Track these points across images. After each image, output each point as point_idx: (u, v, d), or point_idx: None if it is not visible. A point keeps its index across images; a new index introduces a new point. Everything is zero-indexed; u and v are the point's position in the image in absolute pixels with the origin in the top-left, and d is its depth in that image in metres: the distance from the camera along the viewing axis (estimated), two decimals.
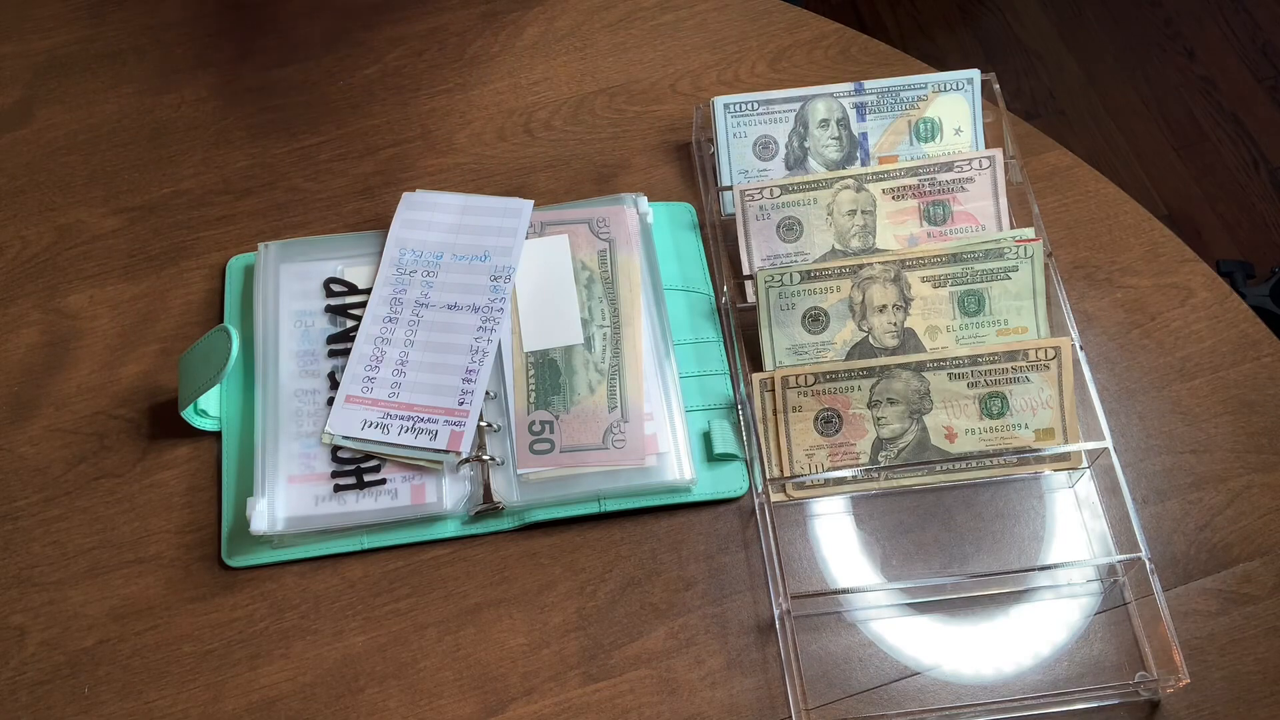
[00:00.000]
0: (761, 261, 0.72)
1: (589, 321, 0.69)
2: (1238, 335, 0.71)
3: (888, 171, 0.72)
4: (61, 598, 0.64)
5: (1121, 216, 0.76)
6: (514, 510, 0.65)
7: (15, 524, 0.67)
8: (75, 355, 0.72)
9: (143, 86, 0.82)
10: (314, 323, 0.70)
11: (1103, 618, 0.63)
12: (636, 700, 0.62)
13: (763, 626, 0.63)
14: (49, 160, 0.79)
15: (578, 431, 0.66)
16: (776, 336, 0.69)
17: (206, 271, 0.75)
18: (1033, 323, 0.68)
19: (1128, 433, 0.68)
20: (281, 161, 0.79)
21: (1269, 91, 1.64)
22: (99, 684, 0.62)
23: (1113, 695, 0.60)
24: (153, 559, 0.65)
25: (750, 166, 0.75)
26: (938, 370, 0.66)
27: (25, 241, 0.76)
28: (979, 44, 1.71)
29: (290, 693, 0.62)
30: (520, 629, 0.63)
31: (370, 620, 0.64)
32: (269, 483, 0.65)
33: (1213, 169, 1.58)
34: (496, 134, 0.80)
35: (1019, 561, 0.65)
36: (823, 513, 0.67)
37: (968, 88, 0.75)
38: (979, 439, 0.66)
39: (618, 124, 0.80)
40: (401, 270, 0.71)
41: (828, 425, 0.66)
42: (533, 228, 0.72)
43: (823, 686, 0.62)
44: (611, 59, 0.83)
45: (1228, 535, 0.65)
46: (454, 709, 0.61)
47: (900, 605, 0.64)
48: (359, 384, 0.67)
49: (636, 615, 0.64)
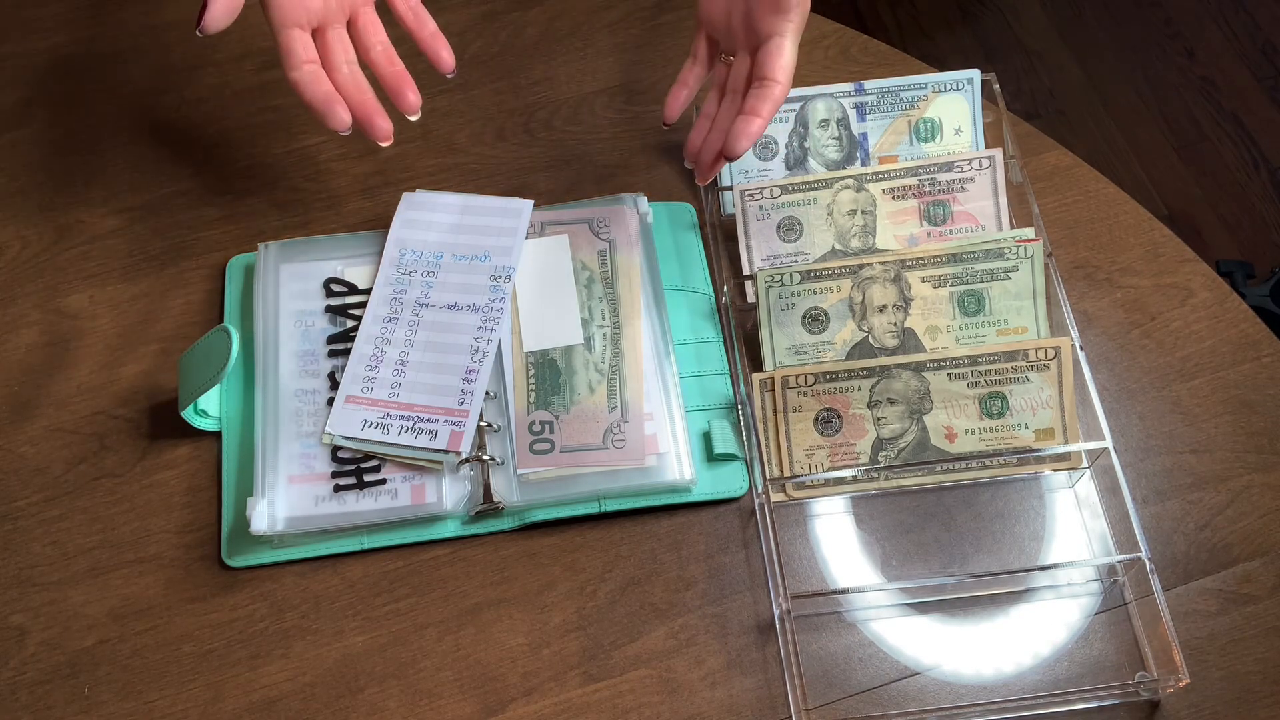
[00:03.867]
0: (761, 261, 0.72)
1: (589, 321, 0.69)
2: (1238, 335, 0.71)
3: (888, 171, 0.72)
4: (61, 598, 0.64)
5: (1121, 216, 0.76)
6: (514, 510, 0.65)
7: (15, 524, 0.67)
8: (75, 355, 0.72)
9: (143, 86, 0.82)
10: (314, 323, 0.70)
11: (1103, 618, 0.63)
12: (636, 700, 0.62)
13: (763, 626, 0.63)
14: (49, 160, 0.79)
15: (578, 431, 0.66)
16: (776, 336, 0.69)
17: (206, 271, 0.75)
18: (1033, 323, 0.68)
19: (1128, 433, 0.68)
20: (281, 161, 0.79)
21: (1269, 91, 1.64)
22: (99, 684, 0.62)
23: (1113, 695, 0.61)
24: (153, 559, 0.65)
25: (750, 166, 0.75)
26: (938, 370, 0.66)
27: (25, 241, 0.76)
28: (979, 44, 1.71)
29: (290, 693, 0.62)
30: (520, 629, 0.63)
31: (370, 620, 0.64)
32: (269, 483, 0.65)
33: (1213, 169, 1.58)
34: (496, 134, 0.80)
35: (1019, 561, 0.65)
36: (823, 513, 0.67)
37: (968, 88, 0.75)
38: (979, 439, 0.66)
39: (618, 124, 0.80)
40: (401, 270, 0.71)
41: (828, 425, 0.66)
42: (533, 228, 0.72)
43: (823, 686, 0.62)
44: (611, 59, 0.83)
45: (1228, 535, 0.65)
46: (454, 709, 0.61)
47: (900, 605, 0.64)
48: (359, 384, 0.67)
49: (636, 615, 0.64)
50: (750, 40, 0.66)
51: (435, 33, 0.67)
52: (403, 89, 0.65)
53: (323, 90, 0.61)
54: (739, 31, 0.66)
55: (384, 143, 0.64)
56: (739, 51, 0.67)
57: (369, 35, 0.65)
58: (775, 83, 0.63)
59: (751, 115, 0.63)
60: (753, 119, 0.63)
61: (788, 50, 0.64)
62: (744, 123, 0.63)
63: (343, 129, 0.62)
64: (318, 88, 0.61)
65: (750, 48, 0.66)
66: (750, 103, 0.64)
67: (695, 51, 0.70)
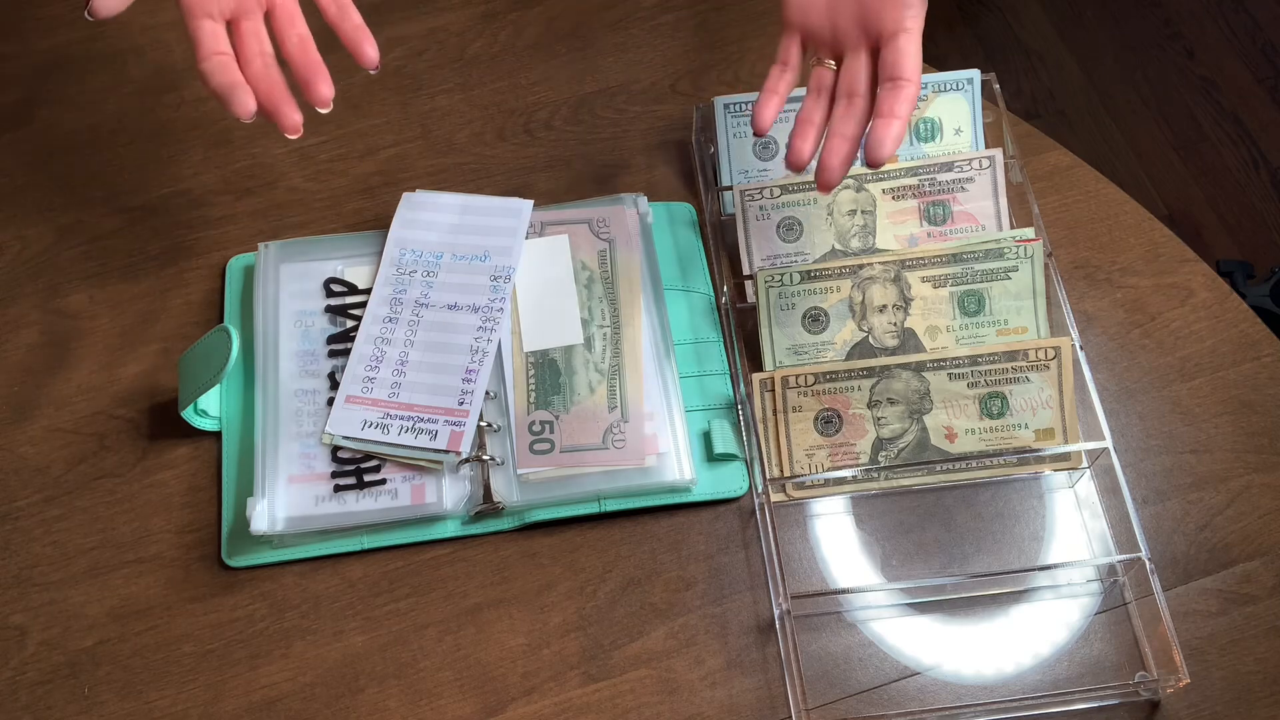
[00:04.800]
0: (761, 261, 0.72)
1: (589, 321, 0.69)
2: (1238, 335, 0.71)
3: (888, 171, 0.72)
4: (61, 598, 0.64)
5: (1121, 216, 0.76)
6: (514, 510, 0.65)
7: (15, 524, 0.67)
8: (75, 355, 0.72)
9: (143, 86, 0.82)
10: (314, 323, 0.70)
11: (1103, 618, 0.63)
12: (636, 700, 0.62)
13: (763, 626, 0.63)
14: (49, 160, 0.79)
15: (578, 431, 0.66)
16: (776, 336, 0.69)
17: (206, 271, 0.75)
18: (1033, 323, 0.68)
19: (1128, 433, 0.68)
20: (281, 161, 0.79)
21: (1269, 91, 1.64)
22: (99, 684, 0.62)
23: (1113, 695, 0.60)
24: (153, 559, 0.65)
25: (750, 166, 0.75)
26: (938, 370, 0.66)
27: (25, 241, 0.76)
28: (979, 44, 1.71)
29: (290, 693, 0.62)
30: (520, 629, 0.63)
31: (370, 620, 0.64)
32: (269, 483, 0.65)
33: (1213, 169, 1.58)
34: (496, 134, 0.80)
35: (1019, 561, 0.65)
36: (823, 513, 0.67)
37: (968, 88, 0.74)
38: (979, 439, 0.66)
39: (618, 124, 0.80)
40: (401, 270, 0.71)
41: (828, 425, 0.66)
42: (533, 228, 0.72)
43: (823, 686, 0.62)
44: (611, 59, 0.83)
45: (1228, 535, 0.65)
46: (454, 709, 0.61)
47: (900, 605, 0.64)
48: (359, 384, 0.67)
49: (636, 615, 0.64)
50: (864, 39, 0.62)
51: (359, 25, 0.63)
52: (313, 80, 0.62)
53: (229, 79, 0.60)
54: (849, 31, 0.62)
55: (291, 135, 0.61)
56: (849, 51, 0.63)
57: (286, 27, 0.63)
58: (909, 82, 0.60)
59: (890, 117, 0.59)
60: (892, 120, 0.59)
61: (916, 45, 0.60)
62: (884, 125, 0.59)
63: (245, 115, 0.59)
64: (223, 76, 0.59)
65: (866, 46, 0.62)
66: (886, 104, 0.60)
67: (785, 58, 0.65)
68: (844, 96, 0.63)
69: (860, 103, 0.62)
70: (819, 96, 0.64)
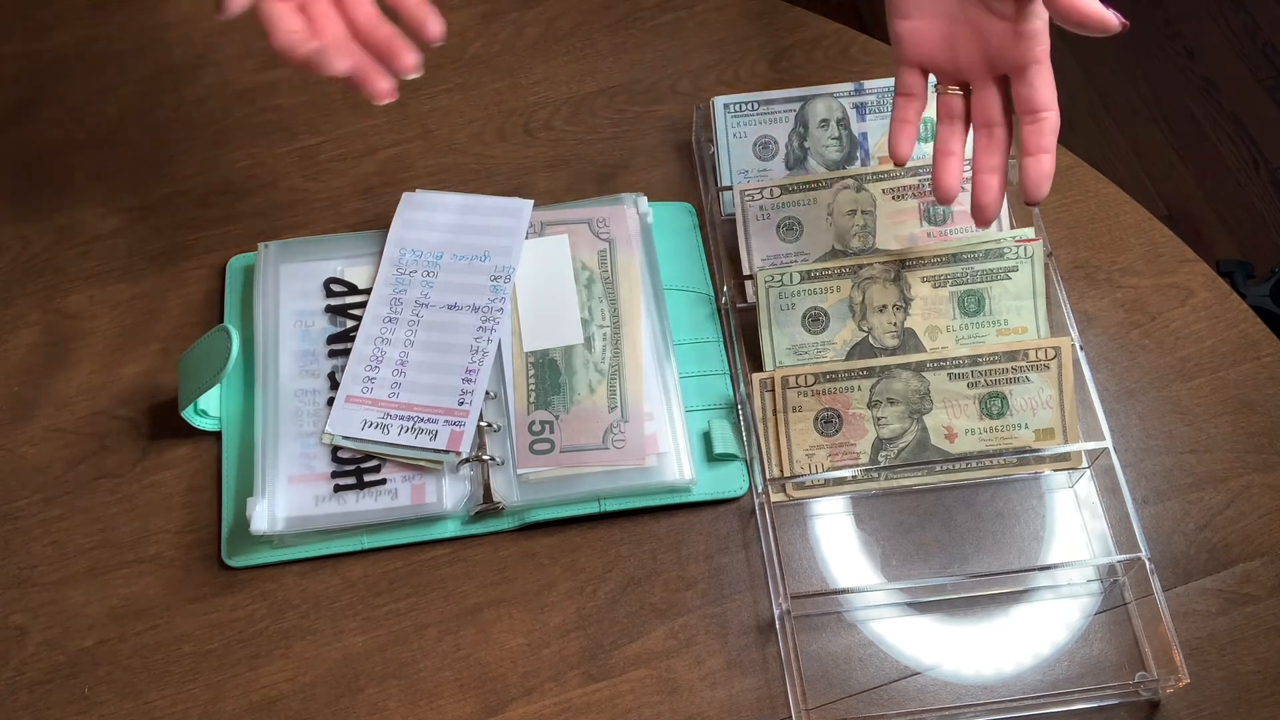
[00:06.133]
0: (761, 261, 0.72)
1: (589, 321, 0.69)
2: (1238, 335, 0.71)
3: (888, 171, 0.72)
4: (61, 598, 0.64)
5: (1121, 216, 0.76)
6: (514, 510, 0.65)
7: (15, 524, 0.67)
8: (75, 355, 0.72)
9: (143, 86, 0.82)
10: (314, 323, 0.70)
11: (1103, 618, 0.63)
12: (636, 700, 0.62)
13: (763, 626, 0.63)
14: (49, 160, 0.79)
15: (578, 431, 0.66)
16: (776, 336, 0.69)
17: (206, 271, 0.75)
18: (1033, 323, 0.68)
19: (1128, 433, 0.68)
20: (281, 161, 0.79)
21: (1269, 91, 1.64)
22: (99, 684, 0.62)
23: (1113, 695, 0.61)
24: (153, 559, 0.65)
25: (750, 166, 0.75)
26: (938, 370, 0.66)
27: (25, 241, 0.76)
28: None
29: (290, 693, 0.62)
30: (520, 629, 0.63)
31: (370, 620, 0.64)
32: (269, 483, 0.65)
33: (1213, 169, 1.58)
34: (496, 134, 0.80)
35: (1019, 561, 0.65)
36: (823, 513, 0.67)
37: None
38: (979, 439, 0.66)
39: (618, 124, 0.80)
40: (401, 270, 0.71)
41: (828, 425, 0.66)
42: (533, 228, 0.72)
43: (823, 686, 0.62)
44: (611, 59, 0.83)
45: (1228, 535, 0.65)
46: (454, 709, 0.61)
47: (900, 605, 0.64)
48: (359, 384, 0.67)
49: (636, 615, 0.64)
50: (991, 70, 0.61)
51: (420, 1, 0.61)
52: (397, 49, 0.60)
53: (313, 45, 0.58)
54: (973, 63, 0.62)
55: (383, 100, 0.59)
56: (976, 82, 0.62)
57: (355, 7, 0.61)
58: (1049, 112, 0.60)
59: (1040, 153, 0.59)
60: (1042, 156, 0.59)
61: (1048, 74, 0.60)
62: (1036, 164, 0.59)
63: (341, 71, 0.57)
64: (306, 46, 0.58)
65: (992, 77, 0.61)
66: (1033, 141, 0.60)
67: (909, 89, 0.64)
68: (982, 127, 0.63)
69: (1000, 132, 0.62)
70: (952, 124, 0.63)
